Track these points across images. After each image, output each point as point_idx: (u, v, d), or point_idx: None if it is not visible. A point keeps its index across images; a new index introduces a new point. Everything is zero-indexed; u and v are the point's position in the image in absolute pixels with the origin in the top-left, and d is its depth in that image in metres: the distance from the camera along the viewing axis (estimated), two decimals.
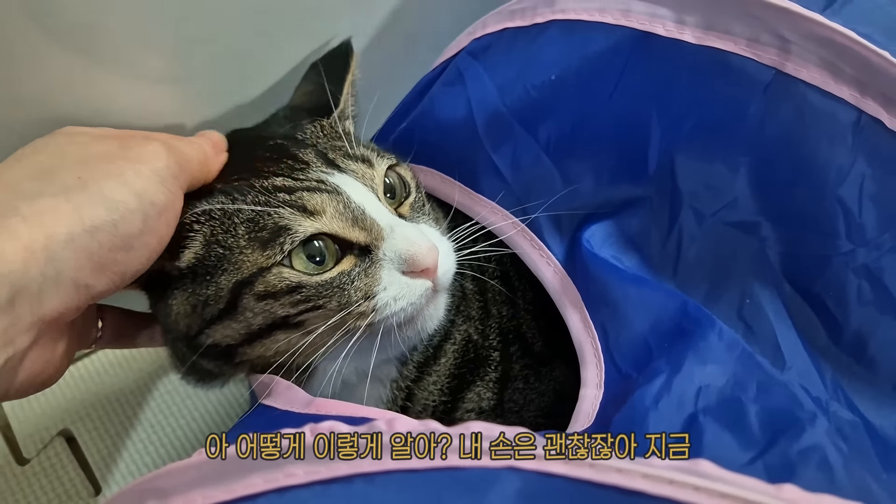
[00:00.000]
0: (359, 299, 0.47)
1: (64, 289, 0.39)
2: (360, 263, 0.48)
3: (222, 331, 0.48)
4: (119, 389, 0.88)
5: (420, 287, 0.49)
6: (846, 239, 0.48)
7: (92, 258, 0.40)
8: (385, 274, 0.48)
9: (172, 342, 0.53)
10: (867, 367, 0.49)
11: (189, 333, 0.49)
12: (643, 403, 0.43)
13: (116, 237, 0.41)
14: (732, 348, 0.46)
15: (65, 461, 0.83)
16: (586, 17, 0.53)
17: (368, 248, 0.49)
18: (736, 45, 0.48)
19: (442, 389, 0.59)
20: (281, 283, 0.47)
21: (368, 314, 0.47)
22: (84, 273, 0.40)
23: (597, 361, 0.52)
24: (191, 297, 0.49)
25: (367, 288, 0.48)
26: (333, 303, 0.47)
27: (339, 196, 0.49)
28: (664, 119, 0.52)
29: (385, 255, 0.48)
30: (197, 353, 0.50)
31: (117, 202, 0.41)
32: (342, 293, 0.47)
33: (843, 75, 0.46)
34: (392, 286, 0.48)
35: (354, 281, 0.48)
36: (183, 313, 0.49)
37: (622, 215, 0.55)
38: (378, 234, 0.49)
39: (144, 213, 0.43)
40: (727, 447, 0.39)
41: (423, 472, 0.28)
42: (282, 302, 0.47)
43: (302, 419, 0.47)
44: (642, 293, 0.51)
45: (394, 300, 0.48)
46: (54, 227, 0.38)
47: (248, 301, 0.47)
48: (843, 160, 0.47)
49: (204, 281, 0.48)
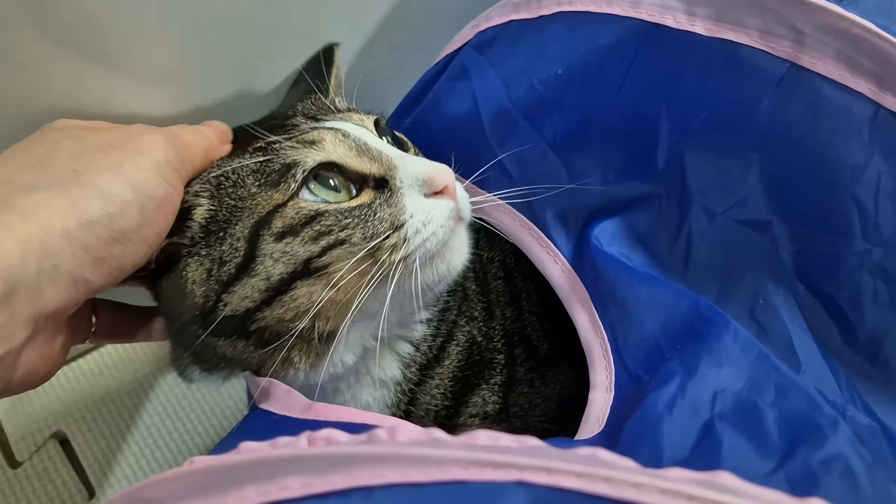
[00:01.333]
0: (386, 230, 0.47)
1: (62, 283, 0.39)
2: (380, 196, 0.48)
3: (240, 292, 0.47)
4: (114, 391, 0.87)
5: (445, 207, 0.49)
6: (861, 238, 0.46)
7: (89, 252, 0.40)
8: (408, 201, 0.48)
9: (182, 327, 0.50)
10: (882, 369, 0.48)
11: (206, 305, 0.48)
12: (656, 409, 0.42)
13: (114, 230, 0.41)
14: (748, 350, 0.45)
15: (58, 464, 0.82)
16: (594, 8, 0.52)
17: (384, 180, 0.49)
18: (748, 38, 0.47)
19: (445, 393, 0.58)
20: (299, 214, 0.46)
21: (401, 245, 0.47)
22: (82, 267, 0.40)
23: (606, 363, 0.51)
24: (205, 261, 0.48)
25: (394, 218, 0.47)
26: (358, 234, 0.46)
27: (335, 131, 0.50)
28: (673, 114, 0.51)
29: (402, 181, 0.49)
30: (211, 328, 0.47)
31: (113, 195, 0.41)
32: (366, 225, 0.47)
33: (861, 68, 0.44)
34: (418, 211, 0.48)
35: (377, 212, 0.47)
36: (199, 281, 0.48)
37: (630, 213, 0.54)
38: (390, 163, 0.50)
39: (142, 206, 0.42)
40: (746, 456, 0.38)
41: (425, 486, 0.26)
42: (302, 237, 0.46)
43: (300, 425, 0.46)
44: (653, 292, 0.50)
45: (423, 225, 0.48)
46: (50, 221, 0.38)
47: (267, 245, 0.46)
48: (858, 156, 0.45)
49: (217, 239, 0.47)
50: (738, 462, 0.37)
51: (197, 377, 0.54)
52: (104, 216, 0.40)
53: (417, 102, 0.63)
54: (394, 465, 0.27)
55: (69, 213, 0.39)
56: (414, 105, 0.63)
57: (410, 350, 0.57)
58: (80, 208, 0.39)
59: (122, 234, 0.41)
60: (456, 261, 0.50)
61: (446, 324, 0.59)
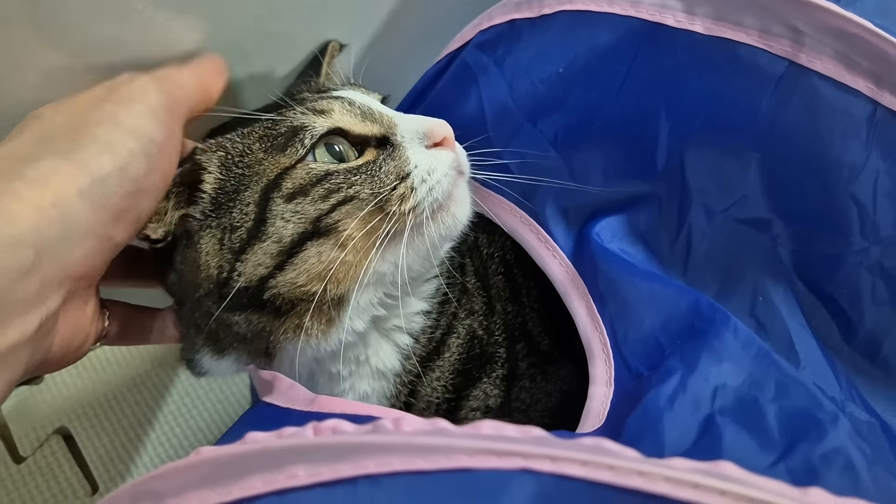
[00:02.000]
0: (392, 181, 0.48)
1: (87, 243, 0.41)
2: (383, 152, 0.50)
3: (253, 259, 0.47)
4: (117, 387, 0.87)
5: (447, 157, 0.51)
6: (860, 236, 0.47)
7: (107, 207, 0.41)
8: (411, 153, 0.50)
9: (196, 304, 0.51)
10: (882, 367, 0.48)
11: (220, 276, 0.48)
12: (657, 404, 0.42)
13: (126, 181, 0.42)
14: (749, 346, 0.45)
15: (61, 459, 0.82)
16: (594, 7, 0.52)
17: (385, 138, 0.51)
18: (748, 36, 0.47)
19: (446, 386, 0.58)
20: (308, 175, 0.47)
21: (409, 195, 0.48)
22: (102, 224, 0.41)
23: (605, 357, 0.51)
24: (216, 231, 0.49)
25: (399, 169, 0.49)
26: (366, 190, 0.48)
27: (342, 100, 0.52)
28: (673, 113, 0.51)
29: (403, 136, 0.51)
30: (226, 301, 0.48)
31: (117, 146, 0.42)
32: (373, 180, 0.48)
33: (859, 67, 0.45)
34: (422, 161, 0.50)
35: (382, 167, 0.49)
36: (212, 252, 0.49)
37: (631, 211, 0.54)
38: (390, 122, 0.52)
39: (146, 152, 0.43)
40: (747, 450, 0.38)
41: (432, 474, 0.26)
42: (312, 196, 0.47)
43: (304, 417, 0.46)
44: (653, 288, 0.50)
45: (427, 174, 0.49)
46: (61, 185, 0.39)
47: (278, 206, 0.47)
48: (856, 155, 0.46)
49: (227, 207, 0.49)
50: (739, 456, 0.38)
51: (207, 364, 0.54)
52: (115, 168, 0.41)
53: (420, 101, 0.63)
54: (400, 454, 0.27)
55: (80, 174, 0.40)
56: (417, 103, 0.64)
57: (409, 342, 0.57)
58: (91, 166, 0.41)
59: (134, 183, 0.43)
60: (461, 212, 0.52)
61: (446, 316, 0.59)
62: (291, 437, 0.31)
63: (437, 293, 0.59)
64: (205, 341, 0.53)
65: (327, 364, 0.53)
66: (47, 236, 0.38)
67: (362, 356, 0.55)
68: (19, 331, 0.37)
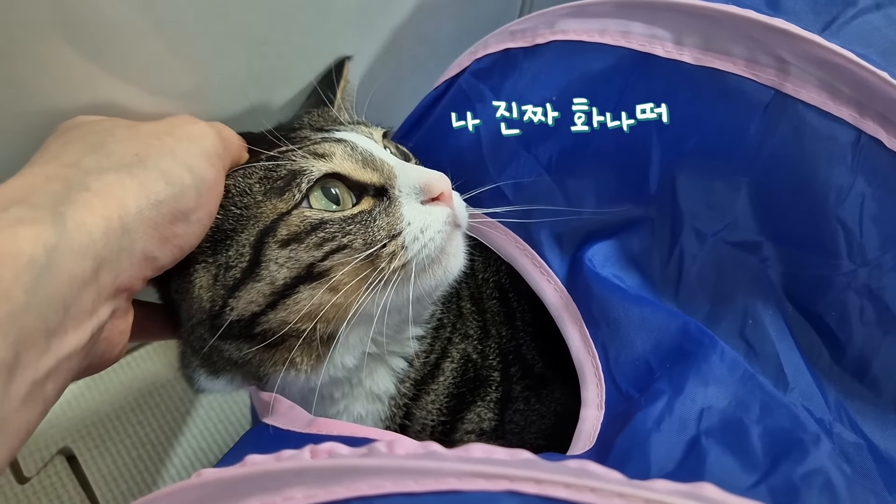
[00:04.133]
0: (384, 238, 0.48)
1: (135, 260, 0.42)
2: (379, 204, 0.50)
3: (246, 296, 0.48)
4: (120, 407, 0.88)
5: (442, 213, 0.51)
6: (847, 259, 0.48)
7: (158, 230, 0.43)
8: (406, 210, 0.50)
9: (191, 330, 0.52)
10: (870, 387, 0.49)
11: (213, 309, 0.49)
12: (645, 425, 0.43)
13: (177, 210, 0.44)
14: (734, 369, 0.46)
15: (65, 480, 0.83)
16: (586, 37, 0.53)
17: (384, 188, 0.51)
18: (735, 66, 0.48)
19: (441, 409, 0.59)
20: (304, 223, 0.48)
21: (399, 253, 0.48)
22: (151, 245, 0.43)
23: (597, 381, 0.52)
24: (211, 267, 0.49)
25: (390, 227, 0.49)
26: (359, 241, 0.48)
27: (344, 143, 0.52)
28: (664, 139, 0.52)
29: (401, 190, 0.51)
30: (218, 332, 0.49)
31: (175, 177, 0.44)
32: (366, 230, 0.49)
33: (842, 96, 0.46)
34: (416, 219, 0.50)
35: (377, 220, 0.49)
36: (206, 286, 0.49)
37: (624, 235, 0.55)
38: (390, 172, 0.51)
39: (197, 189, 0.45)
40: (730, 470, 0.39)
41: (422, 496, 0.27)
42: (307, 244, 0.48)
43: (303, 439, 0.47)
44: (644, 313, 0.51)
45: (420, 232, 0.49)
46: (124, 199, 0.41)
47: (272, 251, 0.48)
48: (842, 180, 0.47)
49: (223, 245, 0.49)
50: (722, 475, 0.38)
51: (203, 382, 0.55)
52: (170, 197, 0.43)
53: (417, 127, 0.65)
54: (392, 477, 0.28)
55: (140, 193, 0.42)
56: (414, 129, 0.65)
57: (404, 365, 0.58)
58: (149, 188, 0.42)
59: (184, 213, 0.44)
60: (453, 265, 0.52)
61: (440, 341, 0.60)
62: (289, 460, 0.32)
63: (432, 318, 0.60)
64: (200, 362, 0.54)
65: (321, 388, 0.54)
66: (110, 249, 0.39)
67: (356, 379, 0.55)
68: (76, 339, 0.38)
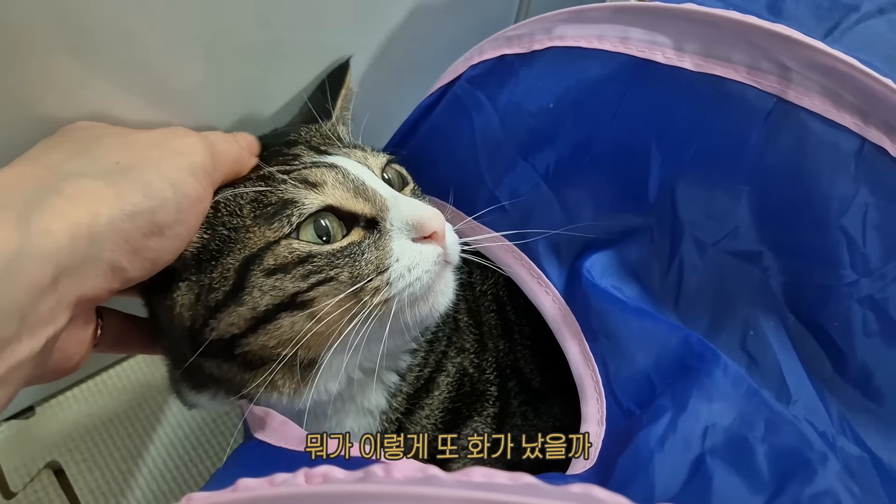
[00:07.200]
0: (370, 273, 0.47)
1: (102, 270, 0.41)
2: (369, 236, 0.49)
3: (227, 319, 0.47)
4: (108, 420, 0.86)
5: (432, 253, 0.49)
6: (850, 269, 0.47)
7: (129, 242, 0.42)
8: (395, 245, 0.48)
9: (173, 343, 0.51)
10: (873, 399, 0.48)
11: (193, 327, 0.48)
12: (648, 445, 0.42)
13: (153, 223, 0.43)
14: (738, 385, 0.45)
15: (52, 495, 0.81)
16: (584, 44, 0.52)
17: (375, 221, 0.49)
18: (736, 73, 0.48)
19: (436, 424, 0.58)
20: (291, 255, 0.47)
21: (383, 289, 0.47)
22: (121, 256, 0.42)
23: (597, 396, 0.51)
24: (195, 286, 0.48)
25: (379, 261, 0.48)
26: (345, 274, 0.47)
27: (336, 169, 0.50)
28: (664, 147, 0.51)
29: (392, 224, 0.49)
30: (199, 350, 0.48)
31: (155, 190, 0.43)
32: (354, 264, 0.47)
33: (845, 103, 0.45)
34: (404, 256, 0.48)
35: (365, 253, 0.48)
36: (187, 304, 0.48)
37: (623, 245, 0.55)
38: (382, 205, 0.50)
39: (178, 204, 0.44)
40: (737, 492, 0.38)
41: None
42: (292, 275, 0.46)
43: (296, 458, 0.46)
44: (644, 326, 0.50)
45: (408, 270, 0.48)
46: (96, 208, 0.40)
47: (257, 278, 0.47)
48: (845, 189, 0.46)
49: (209, 266, 0.48)
50: (729, 498, 0.38)
51: (192, 398, 0.55)
52: (146, 209, 0.42)
53: (412, 134, 0.64)
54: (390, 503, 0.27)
55: (114, 202, 0.41)
56: (408, 137, 0.64)
57: (396, 380, 0.57)
58: (125, 198, 0.41)
59: (160, 227, 0.43)
60: (439, 303, 0.50)
61: (435, 354, 0.59)
62: (283, 486, 0.31)
63: (426, 332, 0.59)
64: (182, 376, 0.53)
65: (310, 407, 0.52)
66: (75, 257, 0.38)
67: (347, 394, 0.54)
68: (29, 347, 0.37)
